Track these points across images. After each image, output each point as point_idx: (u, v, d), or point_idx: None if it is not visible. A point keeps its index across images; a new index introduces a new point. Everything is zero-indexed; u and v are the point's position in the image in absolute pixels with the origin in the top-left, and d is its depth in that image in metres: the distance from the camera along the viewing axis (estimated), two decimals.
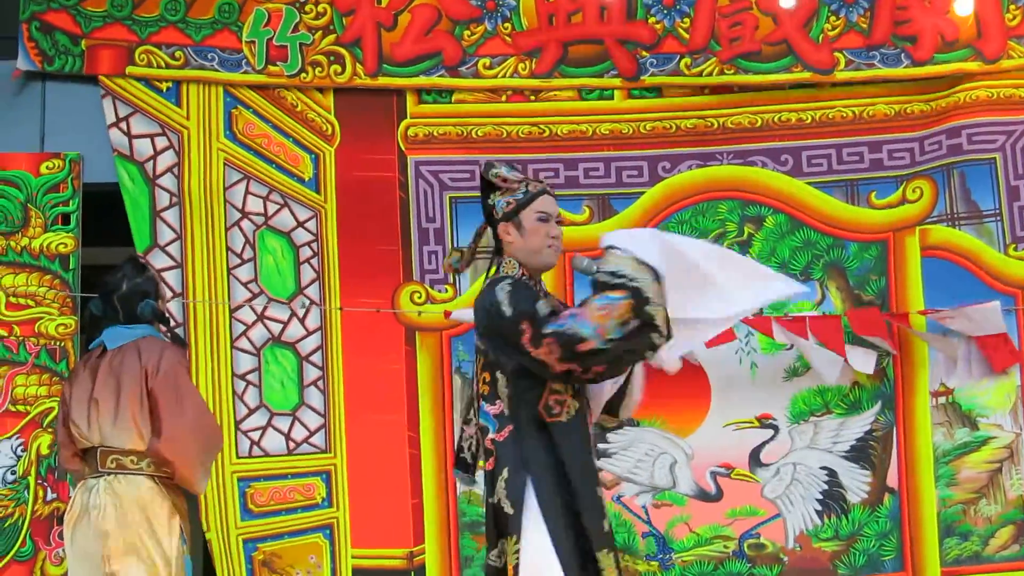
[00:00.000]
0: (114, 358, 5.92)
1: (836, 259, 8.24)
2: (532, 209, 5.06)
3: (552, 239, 5.07)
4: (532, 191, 5.09)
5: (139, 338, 5.90)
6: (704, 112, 8.30)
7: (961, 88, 8.24)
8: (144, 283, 5.95)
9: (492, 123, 8.25)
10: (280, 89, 8.13)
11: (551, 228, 5.08)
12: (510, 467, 4.85)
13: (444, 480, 7.96)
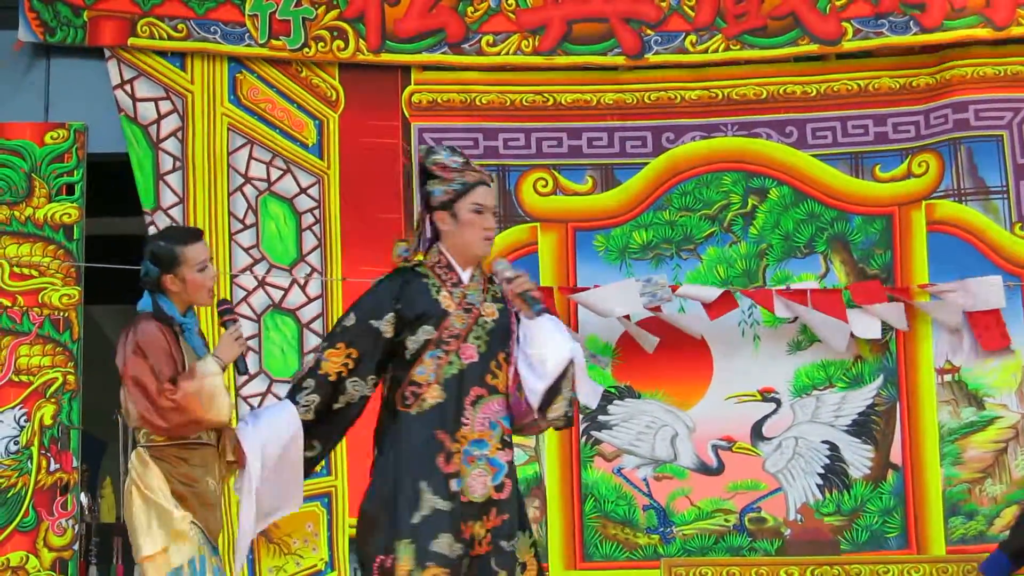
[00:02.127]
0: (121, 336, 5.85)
1: (840, 232, 8.21)
2: (468, 200, 5.12)
3: (486, 231, 5.15)
4: (469, 182, 5.14)
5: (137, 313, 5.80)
6: (708, 83, 8.28)
7: (968, 63, 8.22)
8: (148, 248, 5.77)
9: (496, 91, 8.25)
10: None
11: (485, 220, 5.15)
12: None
13: None
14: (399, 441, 5.09)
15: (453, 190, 5.12)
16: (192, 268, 5.32)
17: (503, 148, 8.21)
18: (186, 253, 5.32)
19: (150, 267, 5.34)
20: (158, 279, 5.32)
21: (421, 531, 4.96)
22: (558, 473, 8.06)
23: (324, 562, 7.85)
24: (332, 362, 5.05)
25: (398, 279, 5.13)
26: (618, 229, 8.20)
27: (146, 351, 5.22)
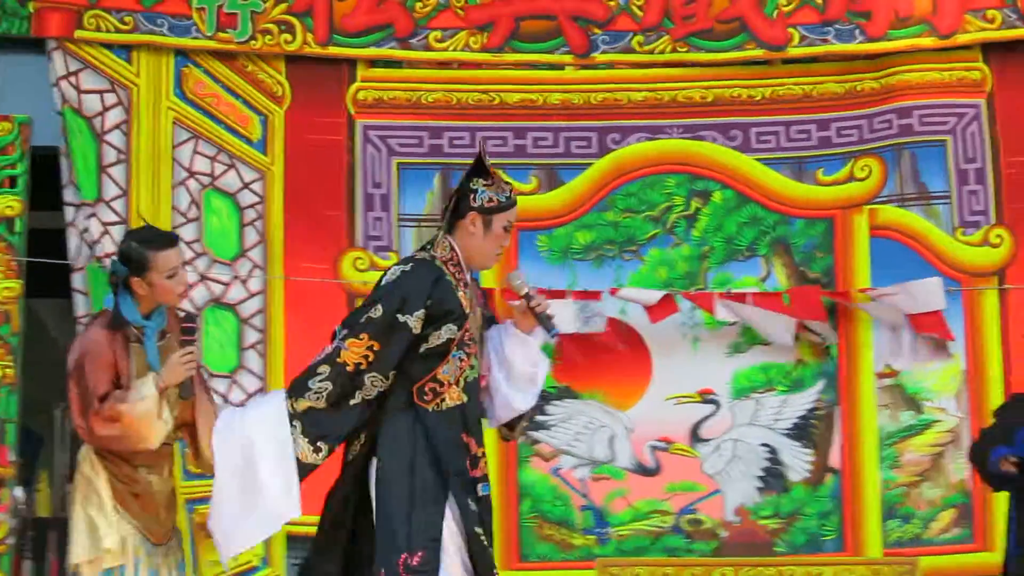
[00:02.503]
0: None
1: (782, 235, 8.25)
2: (506, 216, 5.11)
3: (501, 249, 5.18)
4: (512, 199, 5.15)
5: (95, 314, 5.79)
6: (655, 85, 8.29)
7: (913, 68, 8.24)
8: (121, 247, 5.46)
9: (442, 90, 8.23)
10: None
11: (506, 239, 5.18)
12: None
13: None
14: (421, 437, 4.95)
15: (499, 200, 5.09)
16: (161, 274, 5.27)
17: (448, 147, 8.22)
18: (157, 258, 5.27)
19: (119, 266, 5.30)
20: (125, 279, 5.29)
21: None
22: (495, 473, 7.92)
23: (259, 558, 7.85)
24: (352, 352, 4.86)
25: (429, 273, 4.98)
26: (561, 229, 8.21)
27: (85, 364, 5.22)
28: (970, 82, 8.25)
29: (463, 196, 5.11)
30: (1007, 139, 8.21)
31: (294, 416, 4.87)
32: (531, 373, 5.20)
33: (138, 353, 5.35)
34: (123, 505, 5.31)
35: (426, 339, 4.93)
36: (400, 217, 8.18)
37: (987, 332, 8.17)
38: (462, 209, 5.09)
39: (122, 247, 5.36)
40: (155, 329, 5.39)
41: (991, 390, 8.11)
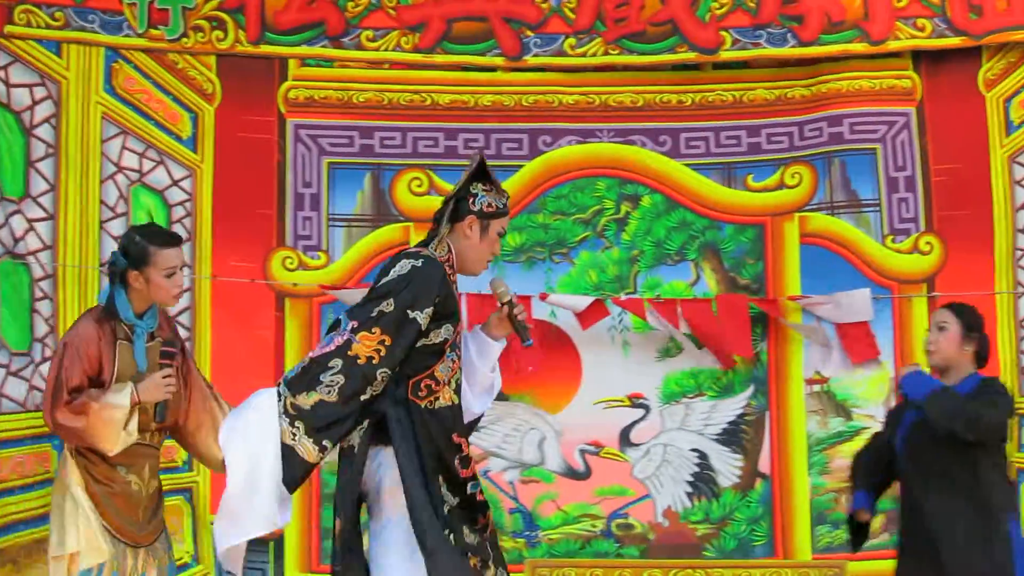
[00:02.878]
0: None
1: (711, 240, 8.29)
2: (501, 223, 5.21)
3: (494, 254, 5.26)
4: (507, 207, 5.25)
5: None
6: (586, 89, 8.32)
7: (844, 76, 8.30)
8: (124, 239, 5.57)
9: (374, 90, 8.23)
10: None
11: (498, 246, 5.26)
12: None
13: None
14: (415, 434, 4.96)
15: (497, 206, 5.18)
16: (159, 271, 5.35)
17: (379, 147, 8.21)
18: (158, 255, 5.35)
19: (119, 258, 5.36)
20: (123, 271, 5.35)
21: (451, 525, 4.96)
22: None
23: (189, 555, 7.79)
24: (364, 345, 4.83)
25: (437, 270, 5.00)
26: None
27: (65, 354, 5.27)
28: (900, 90, 8.31)
29: (462, 199, 5.14)
30: (936, 147, 8.27)
31: (296, 416, 4.80)
32: (490, 379, 5.31)
33: (125, 351, 5.38)
34: (100, 505, 5.33)
35: (426, 335, 4.95)
36: (330, 217, 8.16)
37: (916, 340, 8.17)
38: (461, 212, 5.13)
39: (124, 240, 5.43)
40: (145, 329, 5.43)
41: None
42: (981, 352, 6.08)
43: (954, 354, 6.03)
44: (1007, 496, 5.93)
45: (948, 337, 6.04)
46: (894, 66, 8.31)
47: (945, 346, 6.04)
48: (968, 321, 6.06)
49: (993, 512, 5.81)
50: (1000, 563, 5.76)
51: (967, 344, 6.03)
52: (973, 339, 6.04)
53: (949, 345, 6.03)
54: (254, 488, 4.80)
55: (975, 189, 8.21)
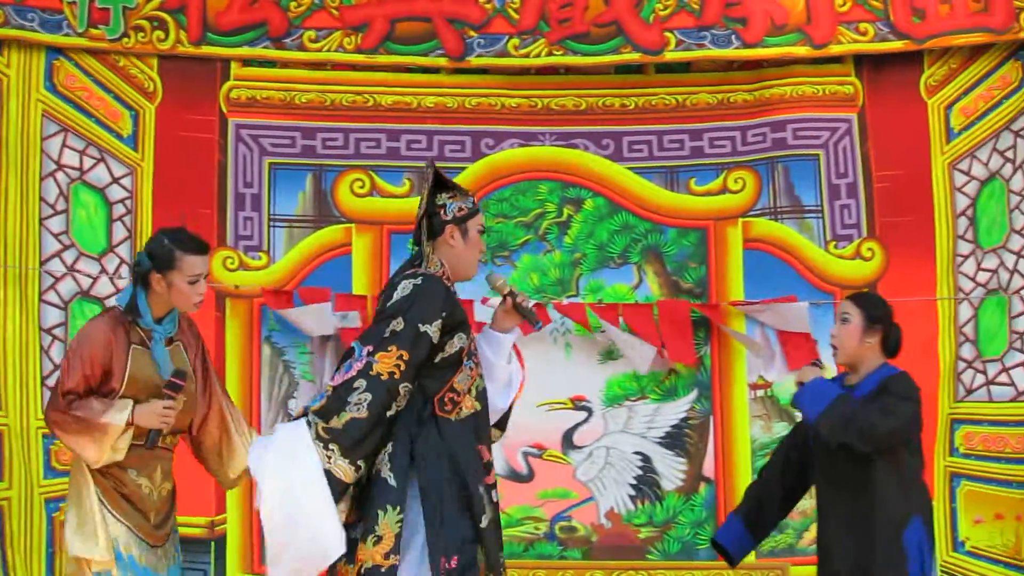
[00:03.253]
0: None
1: (654, 244, 8.30)
2: (476, 221, 5.32)
3: (482, 254, 5.38)
4: (476, 206, 5.37)
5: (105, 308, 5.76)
6: (529, 92, 8.32)
7: (787, 81, 8.34)
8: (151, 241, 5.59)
9: (316, 91, 8.20)
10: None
11: (482, 244, 5.37)
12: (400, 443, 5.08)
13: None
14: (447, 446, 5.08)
15: (467, 208, 5.29)
16: (184, 277, 5.37)
17: (321, 147, 8.18)
18: (184, 261, 5.37)
19: (144, 259, 5.38)
20: (147, 273, 5.37)
21: (487, 538, 5.12)
22: None
23: None
24: (384, 363, 4.94)
25: (439, 285, 5.14)
26: None
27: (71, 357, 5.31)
28: (842, 96, 8.36)
29: (434, 215, 5.27)
30: (878, 153, 8.32)
31: (330, 439, 4.85)
32: (508, 372, 5.48)
33: (139, 355, 5.38)
34: (113, 504, 5.36)
35: (442, 348, 5.08)
36: (271, 217, 8.13)
37: None
38: (436, 226, 5.26)
39: (152, 242, 5.47)
40: (164, 335, 5.45)
41: None
42: (888, 343, 5.89)
43: (856, 347, 5.84)
44: (911, 499, 5.73)
45: (850, 329, 5.86)
46: (836, 72, 8.36)
47: (847, 339, 5.84)
48: (870, 311, 5.88)
49: (892, 517, 5.66)
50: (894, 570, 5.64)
51: (869, 335, 5.84)
52: (876, 330, 5.85)
53: (851, 338, 5.84)
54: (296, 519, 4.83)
55: (916, 195, 8.26)
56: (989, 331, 8.19)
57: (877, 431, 5.56)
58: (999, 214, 8.21)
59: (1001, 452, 8.09)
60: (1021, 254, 8.15)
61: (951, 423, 8.17)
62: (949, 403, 8.17)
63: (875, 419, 5.56)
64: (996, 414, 8.13)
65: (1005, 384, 8.14)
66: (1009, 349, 8.13)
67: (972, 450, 8.15)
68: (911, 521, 5.66)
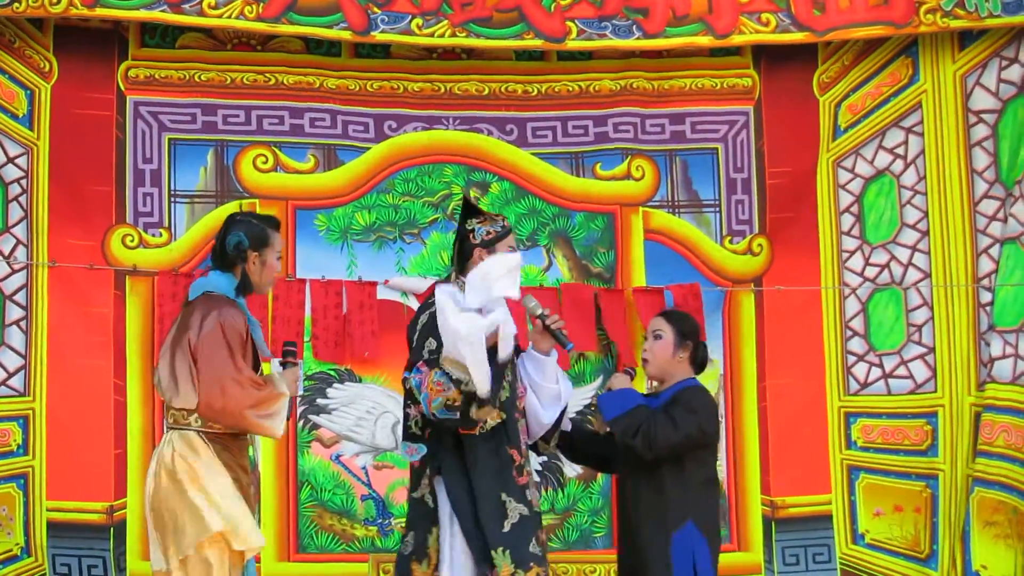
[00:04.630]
0: (185, 312, 5.69)
1: (562, 228, 8.27)
2: (505, 243, 5.79)
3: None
4: (507, 227, 5.85)
5: (202, 294, 5.65)
6: (431, 76, 8.27)
7: (686, 74, 8.42)
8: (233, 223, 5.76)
9: (216, 69, 8.03)
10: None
11: None
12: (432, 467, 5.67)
13: (151, 431, 7.63)
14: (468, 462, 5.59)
15: (495, 231, 5.78)
16: (273, 253, 5.71)
17: (222, 124, 8.01)
18: (274, 238, 5.72)
19: (243, 239, 5.63)
20: (245, 253, 5.63)
21: (514, 537, 5.53)
22: (273, 458, 7.81)
23: (20, 547, 7.44)
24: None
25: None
26: (340, 209, 8.08)
27: (230, 338, 5.47)
28: (740, 89, 8.47)
29: (464, 239, 5.81)
30: (771, 150, 8.43)
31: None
32: (555, 391, 5.89)
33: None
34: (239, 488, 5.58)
35: None
36: (172, 193, 7.93)
37: (744, 337, 8.32)
38: (467, 250, 5.79)
39: (240, 227, 5.70)
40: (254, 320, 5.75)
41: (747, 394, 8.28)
42: (697, 359, 6.17)
43: (667, 362, 6.11)
44: (689, 505, 5.91)
45: (662, 345, 6.11)
46: (735, 64, 8.47)
47: (659, 354, 6.11)
48: (682, 328, 6.16)
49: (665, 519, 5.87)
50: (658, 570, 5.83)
51: (681, 351, 6.10)
52: (687, 346, 6.10)
53: (663, 353, 6.11)
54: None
55: (803, 192, 8.39)
56: (883, 325, 8.31)
57: (659, 441, 5.82)
58: (888, 209, 8.35)
59: (900, 444, 8.17)
60: (916, 248, 8.28)
61: (846, 417, 8.27)
62: (839, 396, 8.26)
63: (660, 430, 5.83)
64: (895, 407, 8.25)
65: (903, 377, 8.26)
66: (907, 342, 8.24)
67: (871, 443, 8.24)
68: (684, 525, 5.87)
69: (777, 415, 8.22)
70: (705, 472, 6.03)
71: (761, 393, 8.24)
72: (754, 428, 8.22)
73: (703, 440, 5.97)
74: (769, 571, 8.09)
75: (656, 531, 5.84)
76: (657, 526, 5.84)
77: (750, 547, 8.14)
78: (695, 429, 5.88)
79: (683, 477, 5.89)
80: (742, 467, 8.19)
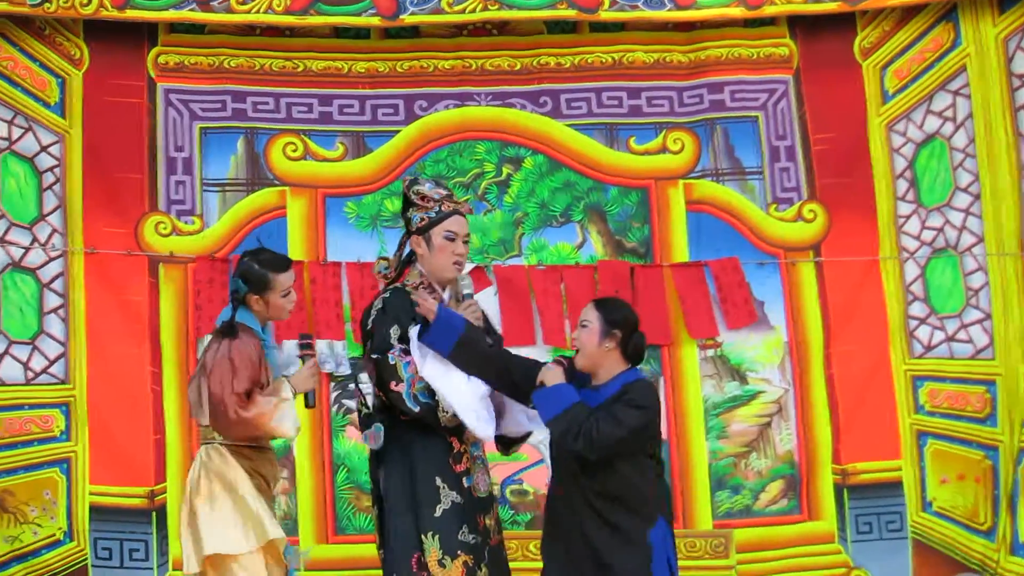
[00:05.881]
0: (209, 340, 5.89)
1: (596, 202, 8.21)
2: (442, 228, 5.78)
3: (457, 256, 5.79)
4: (444, 211, 5.81)
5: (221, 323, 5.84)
6: (462, 53, 8.23)
7: (723, 44, 8.31)
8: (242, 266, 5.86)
9: (245, 55, 8.08)
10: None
11: (456, 247, 5.79)
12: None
13: (188, 417, 7.68)
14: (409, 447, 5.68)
15: (428, 218, 5.78)
16: (278, 294, 5.80)
17: (252, 111, 8.06)
18: (277, 280, 5.79)
19: (240, 284, 5.79)
20: (244, 296, 5.77)
21: (444, 523, 5.60)
22: (308, 443, 7.84)
23: (63, 531, 7.55)
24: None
25: (404, 296, 5.70)
26: (369, 196, 8.10)
27: (236, 363, 5.61)
28: (778, 58, 8.34)
29: (405, 229, 5.88)
30: (814, 115, 8.30)
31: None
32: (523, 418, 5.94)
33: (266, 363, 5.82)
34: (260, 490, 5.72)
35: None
36: (204, 181, 7.99)
37: (805, 306, 8.17)
38: (406, 239, 5.88)
39: (242, 268, 5.83)
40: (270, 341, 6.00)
41: (814, 362, 8.12)
42: (628, 349, 5.68)
43: (595, 352, 5.66)
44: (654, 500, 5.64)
45: (587, 334, 5.67)
46: (772, 34, 8.34)
47: (586, 343, 5.67)
48: (609, 316, 5.68)
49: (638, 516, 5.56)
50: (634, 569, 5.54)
51: (608, 341, 5.63)
52: (614, 336, 5.64)
53: (589, 342, 5.66)
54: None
55: (855, 157, 8.25)
56: (942, 288, 8.16)
57: (603, 440, 5.43)
58: (941, 172, 8.19)
59: (963, 411, 8.03)
60: (969, 211, 8.12)
61: (913, 380, 8.12)
62: (904, 359, 8.09)
63: (603, 428, 5.44)
64: (958, 372, 8.09)
65: (964, 341, 8.11)
66: (967, 306, 8.08)
67: (937, 407, 8.10)
68: (657, 520, 5.60)
69: (844, 382, 8.11)
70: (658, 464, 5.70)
71: (827, 360, 8.12)
72: (822, 396, 8.11)
73: (649, 435, 5.61)
74: (842, 540, 7.99)
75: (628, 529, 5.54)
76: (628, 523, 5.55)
77: (821, 516, 8.03)
78: (638, 425, 5.49)
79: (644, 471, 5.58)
80: (812, 436, 8.08)
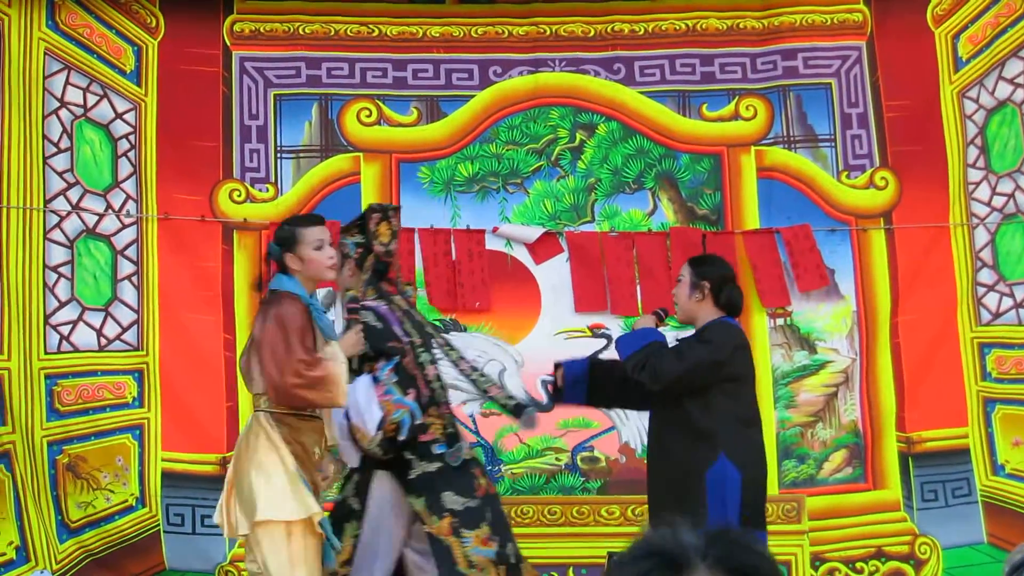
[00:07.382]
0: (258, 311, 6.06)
1: (668, 169, 8.17)
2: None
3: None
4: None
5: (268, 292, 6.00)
6: (537, 19, 8.21)
7: (796, 10, 8.25)
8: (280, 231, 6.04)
9: (320, 21, 8.07)
10: None
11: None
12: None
13: None
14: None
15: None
16: (308, 246, 5.89)
17: (326, 77, 8.06)
18: (302, 233, 5.90)
19: (272, 246, 5.95)
20: (280, 257, 5.89)
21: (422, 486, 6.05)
22: None
23: (135, 497, 7.61)
24: None
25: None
26: (443, 161, 8.09)
27: (287, 325, 5.71)
28: (852, 25, 8.28)
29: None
30: (887, 82, 8.23)
31: None
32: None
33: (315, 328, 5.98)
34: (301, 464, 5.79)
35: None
36: (278, 149, 8.01)
37: (877, 273, 8.13)
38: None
39: (274, 236, 6.01)
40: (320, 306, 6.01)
41: (880, 331, 8.07)
42: (720, 300, 6.16)
43: (687, 304, 6.18)
44: (719, 439, 5.89)
45: (680, 288, 6.21)
46: (845, 0, 8.27)
47: (680, 296, 6.22)
48: (698, 269, 6.18)
49: (694, 455, 5.85)
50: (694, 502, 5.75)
51: (696, 292, 6.13)
52: (702, 287, 6.13)
53: (682, 295, 6.20)
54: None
55: (927, 124, 8.18)
56: (1011, 255, 8.08)
57: (664, 374, 5.90)
58: (1012, 138, 8.11)
59: None
60: None
61: (980, 348, 8.05)
62: (971, 327, 8.04)
63: (666, 363, 5.90)
64: None
65: None
66: None
67: (1005, 374, 8.01)
68: (716, 460, 5.82)
69: (910, 350, 8.06)
70: (738, 409, 6.00)
71: (893, 329, 8.08)
72: (887, 365, 8.06)
73: (714, 369, 5.93)
74: (908, 508, 7.95)
75: (687, 467, 5.85)
76: (688, 462, 5.86)
77: (887, 484, 7.99)
78: (703, 357, 5.91)
79: (710, 412, 5.90)
80: (876, 405, 8.04)
